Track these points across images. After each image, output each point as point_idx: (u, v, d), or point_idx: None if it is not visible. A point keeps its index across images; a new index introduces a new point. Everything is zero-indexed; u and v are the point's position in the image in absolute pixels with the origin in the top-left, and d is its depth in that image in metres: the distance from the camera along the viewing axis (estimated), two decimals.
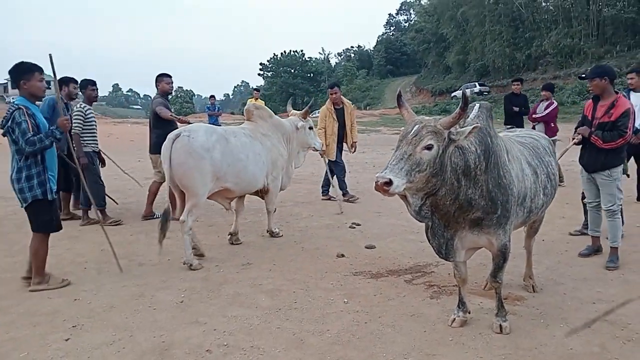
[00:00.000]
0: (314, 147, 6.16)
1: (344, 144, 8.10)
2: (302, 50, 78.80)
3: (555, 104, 8.70)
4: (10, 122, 3.95)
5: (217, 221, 6.56)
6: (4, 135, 4.04)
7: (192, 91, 76.50)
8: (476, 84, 44.65)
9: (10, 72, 4.10)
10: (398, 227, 6.18)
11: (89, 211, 6.41)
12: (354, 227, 6.21)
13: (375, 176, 2.71)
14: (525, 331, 3.32)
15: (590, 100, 4.71)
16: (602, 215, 4.79)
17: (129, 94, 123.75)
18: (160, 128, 6.17)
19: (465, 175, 2.94)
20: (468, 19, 49.53)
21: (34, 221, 4.15)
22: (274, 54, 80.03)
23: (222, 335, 3.33)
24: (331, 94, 7.99)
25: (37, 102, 4.48)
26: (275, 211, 5.92)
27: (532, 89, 40.68)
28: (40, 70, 4.14)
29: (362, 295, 4.00)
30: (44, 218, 4.14)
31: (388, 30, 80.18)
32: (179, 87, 67.75)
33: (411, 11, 76.13)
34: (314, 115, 10.10)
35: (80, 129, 6.20)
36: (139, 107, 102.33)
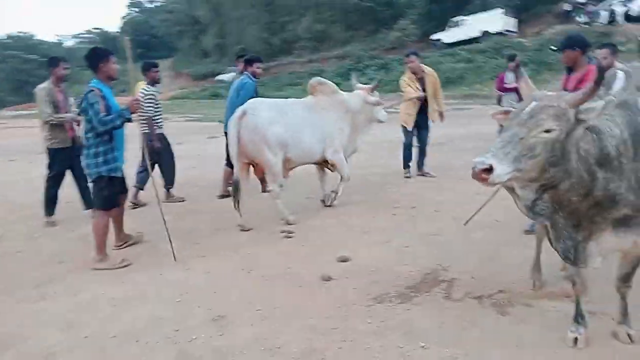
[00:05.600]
0: (379, 120, 6.13)
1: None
2: (30, 33, 67.35)
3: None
4: (84, 102, 4.26)
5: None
6: (79, 114, 4.69)
7: None
8: None
9: (86, 57, 4.41)
10: (340, 227, 5.21)
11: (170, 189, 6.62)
12: (291, 236, 5.01)
13: (473, 161, 2.04)
14: None
15: (565, 73, 4.53)
16: None
17: None
18: None
19: (602, 165, 2.31)
20: (222, 2, 48.98)
21: (95, 197, 4.45)
22: None
23: None
24: (407, 63, 7.35)
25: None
26: (349, 179, 5.97)
27: (292, 72, 42.43)
28: (113, 54, 4.50)
29: (421, 331, 3.05)
30: (104, 194, 4.35)
31: (132, 12, 74.06)
32: None
33: None
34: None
35: (153, 112, 6.11)
36: None
